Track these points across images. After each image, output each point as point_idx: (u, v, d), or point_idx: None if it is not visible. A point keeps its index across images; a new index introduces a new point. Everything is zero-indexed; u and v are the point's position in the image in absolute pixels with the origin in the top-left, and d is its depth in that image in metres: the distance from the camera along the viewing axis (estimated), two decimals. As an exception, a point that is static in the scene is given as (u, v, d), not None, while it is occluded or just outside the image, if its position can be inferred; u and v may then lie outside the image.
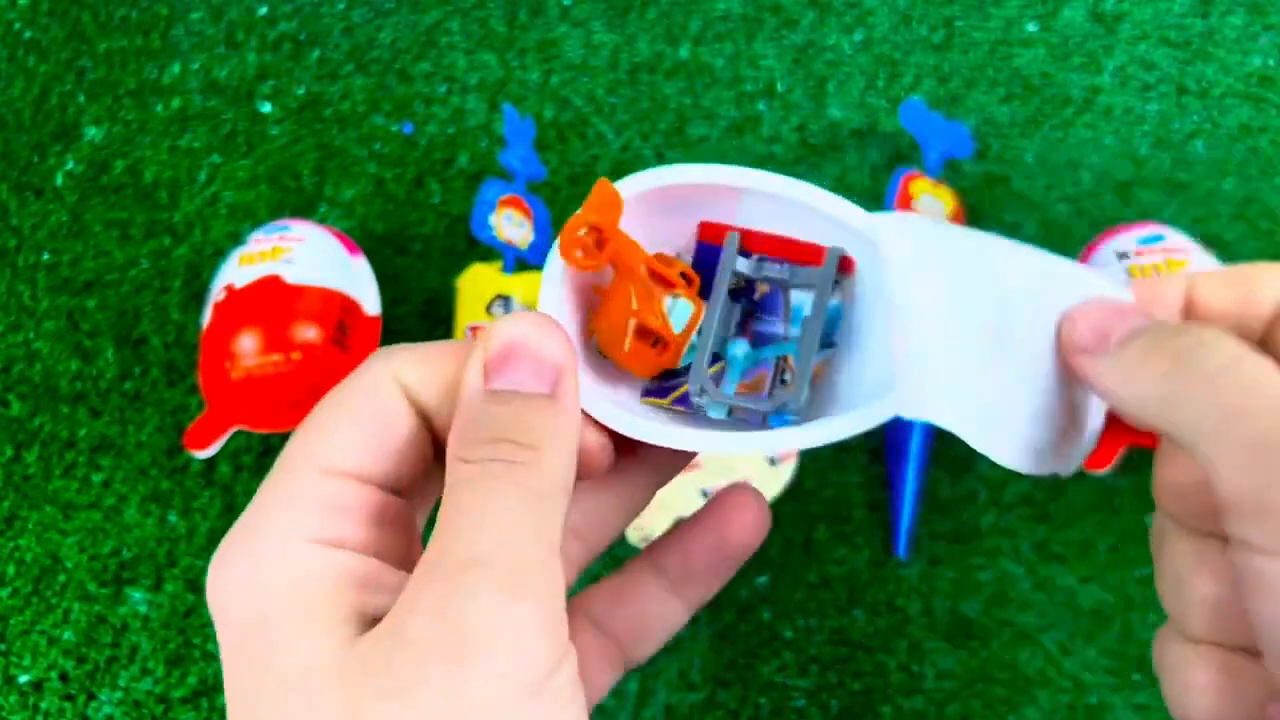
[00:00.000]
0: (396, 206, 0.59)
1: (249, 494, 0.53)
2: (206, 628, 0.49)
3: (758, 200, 0.28)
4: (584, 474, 0.23)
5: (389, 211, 0.59)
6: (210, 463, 0.53)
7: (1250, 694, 0.22)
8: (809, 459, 0.51)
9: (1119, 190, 0.56)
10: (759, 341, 0.29)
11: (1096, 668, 0.46)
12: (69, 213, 0.60)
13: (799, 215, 0.27)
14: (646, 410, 0.27)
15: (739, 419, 0.27)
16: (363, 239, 0.58)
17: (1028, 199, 0.56)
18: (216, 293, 0.50)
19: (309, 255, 0.51)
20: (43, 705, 0.48)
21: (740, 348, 0.29)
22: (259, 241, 0.52)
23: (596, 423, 0.24)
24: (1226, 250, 0.54)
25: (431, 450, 0.23)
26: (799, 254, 0.28)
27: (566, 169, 0.59)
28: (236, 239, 0.58)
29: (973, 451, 0.53)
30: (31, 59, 0.65)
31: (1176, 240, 0.48)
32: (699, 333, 0.28)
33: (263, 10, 0.65)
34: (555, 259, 0.28)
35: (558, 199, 0.58)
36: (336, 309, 0.50)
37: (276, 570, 0.20)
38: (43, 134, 0.62)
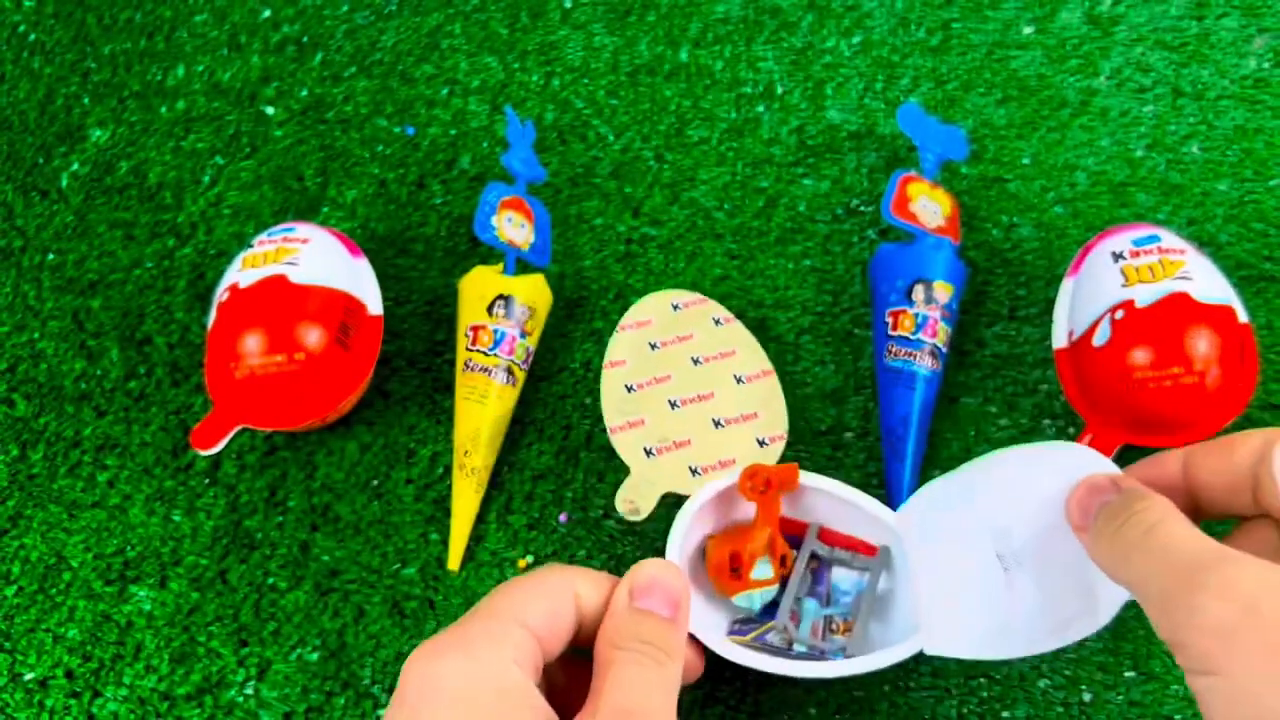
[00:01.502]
0: (399, 208, 0.59)
1: (252, 493, 0.54)
2: (211, 625, 0.49)
3: (823, 497, 0.45)
4: (686, 679, 0.34)
5: (391, 213, 0.59)
6: (214, 462, 0.53)
7: None
8: (805, 457, 0.51)
9: (1114, 192, 0.57)
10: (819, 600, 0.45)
11: (1090, 664, 0.46)
12: (74, 214, 0.60)
13: (852, 511, 0.45)
14: (730, 644, 0.41)
15: (800, 652, 0.43)
16: (365, 240, 0.58)
17: (1024, 201, 0.57)
18: (221, 293, 0.51)
19: (312, 257, 0.51)
20: (48, 703, 0.49)
21: (812, 604, 0.45)
22: (263, 243, 0.52)
23: (698, 645, 0.37)
24: (1221, 251, 0.54)
25: (573, 633, 0.34)
26: (856, 545, 0.45)
27: (567, 171, 0.60)
28: (240, 240, 0.59)
29: (968, 448, 0.53)
30: (36, 61, 0.65)
31: (1172, 241, 0.49)
32: (782, 589, 0.44)
33: (266, 13, 0.66)
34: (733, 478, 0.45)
35: (558, 201, 0.59)
36: (340, 309, 0.50)
37: (489, 667, 0.29)
38: (48, 135, 0.63)
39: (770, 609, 0.44)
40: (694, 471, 0.45)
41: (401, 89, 0.63)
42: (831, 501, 0.44)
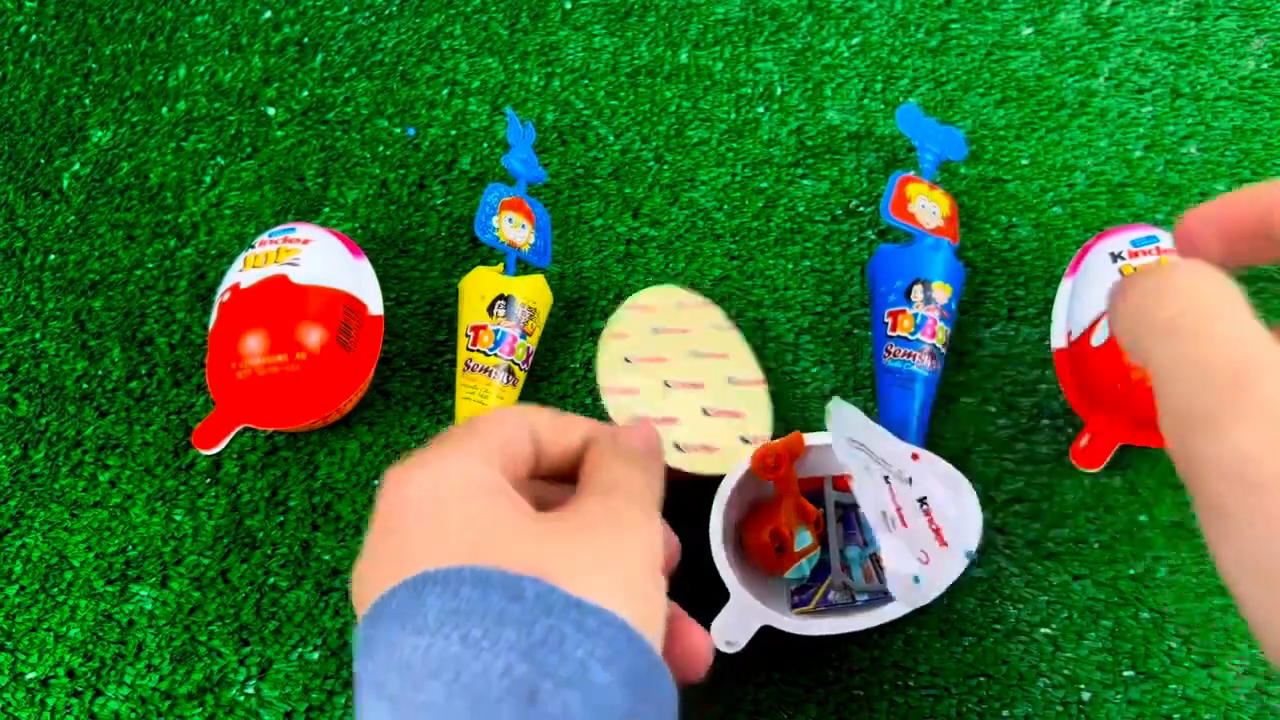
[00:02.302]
0: (399, 209, 0.59)
1: (253, 492, 0.54)
2: (212, 624, 0.50)
3: (823, 450, 0.47)
4: (691, 675, 0.32)
5: (392, 213, 0.59)
6: (215, 461, 0.53)
7: None
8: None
9: (1113, 192, 0.57)
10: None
11: (1088, 664, 0.46)
12: (75, 214, 0.61)
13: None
14: (797, 618, 0.44)
15: (865, 601, 0.46)
16: (366, 241, 0.58)
17: (1022, 201, 0.57)
18: (222, 294, 0.51)
19: (313, 257, 0.51)
20: (50, 701, 0.49)
21: (854, 551, 0.48)
22: (264, 244, 0.52)
23: (701, 633, 0.34)
24: (1219, 252, 0.54)
25: (532, 466, 0.32)
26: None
27: (568, 172, 0.60)
28: (241, 240, 0.59)
29: (967, 448, 0.53)
30: (38, 62, 0.66)
31: (1170, 242, 0.49)
32: (824, 546, 0.47)
33: (267, 14, 0.66)
34: (743, 466, 0.46)
35: (559, 202, 0.59)
36: (341, 310, 0.50)
37: (454, 472, 0.28)
38: (49, 136, 0.63)
39: (819, 571, 0.47)
40: (678, 448, 0.47)
41: (402, 90, 0.63)
42: (829, 451, 0.46)
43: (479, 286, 0.52)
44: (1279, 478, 0.21)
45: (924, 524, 0.43)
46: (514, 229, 0.53)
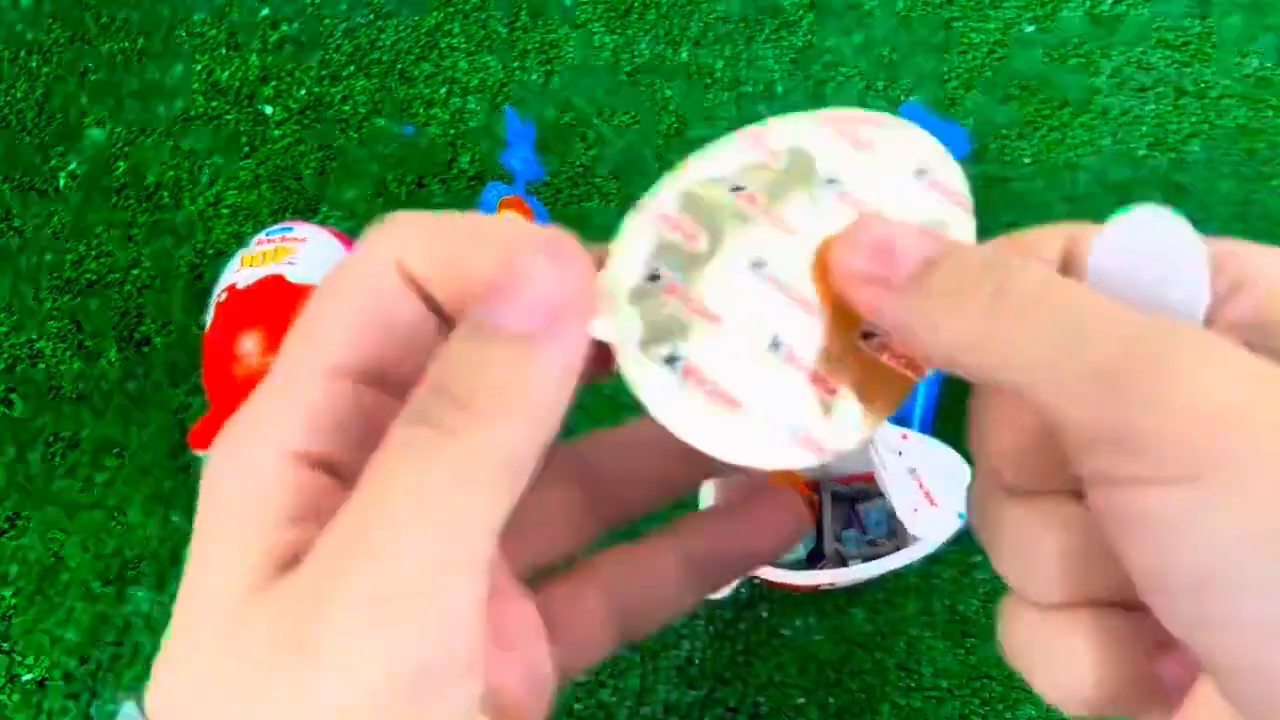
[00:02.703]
0: (398, 207, 0.59)
1: (251, 493, 0.53)
2: (209, 626, 0.49)
3: None
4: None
5: (390, 212, 0.59)
6: (212, 462, 0.53)
7: (1133, 650, 0.19)
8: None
9: (1116, 191, 0.57)
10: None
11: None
12: (72, 213, 0.60)
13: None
14: (784, 571, 0.44)
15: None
16: (364, 240, 0.58)
17: (1026, 200, 0.57)
18: (219, 294, 0.51)
19: (311, 256, 0.51)
20: (46, 704, 0.48)
21: (853, 535, 0.50)
22: (261, 243, 0.52)
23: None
24: (1223, 251, 0.54)
25: (436, 334, 0.20)
26: (858, 478, 0.50)
27: (567, 170, 0.59)
28: (239, 240, 0.58)
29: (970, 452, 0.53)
30: (34, 60, 0.65)
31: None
32: (819, 532, 0.49)
33: (265, 12, 0.66)
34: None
35: (559, 200, 0.58)
36: (338, 309, 0.50)
37: (247, 487, 0.18)
38: (46, 135, 0.63)
39: (814, 556, 0.47)
40: (680, 374, 0.31)
41: (400, 88, 0.63)
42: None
43: (478, 286, 0.52)
44: (1247, 400, 0.16)
45: (913, 487, 0.45)
46: (513, 228, 0.53)
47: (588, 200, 0.58)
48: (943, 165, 0.21)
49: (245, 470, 0.18)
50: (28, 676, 0.49)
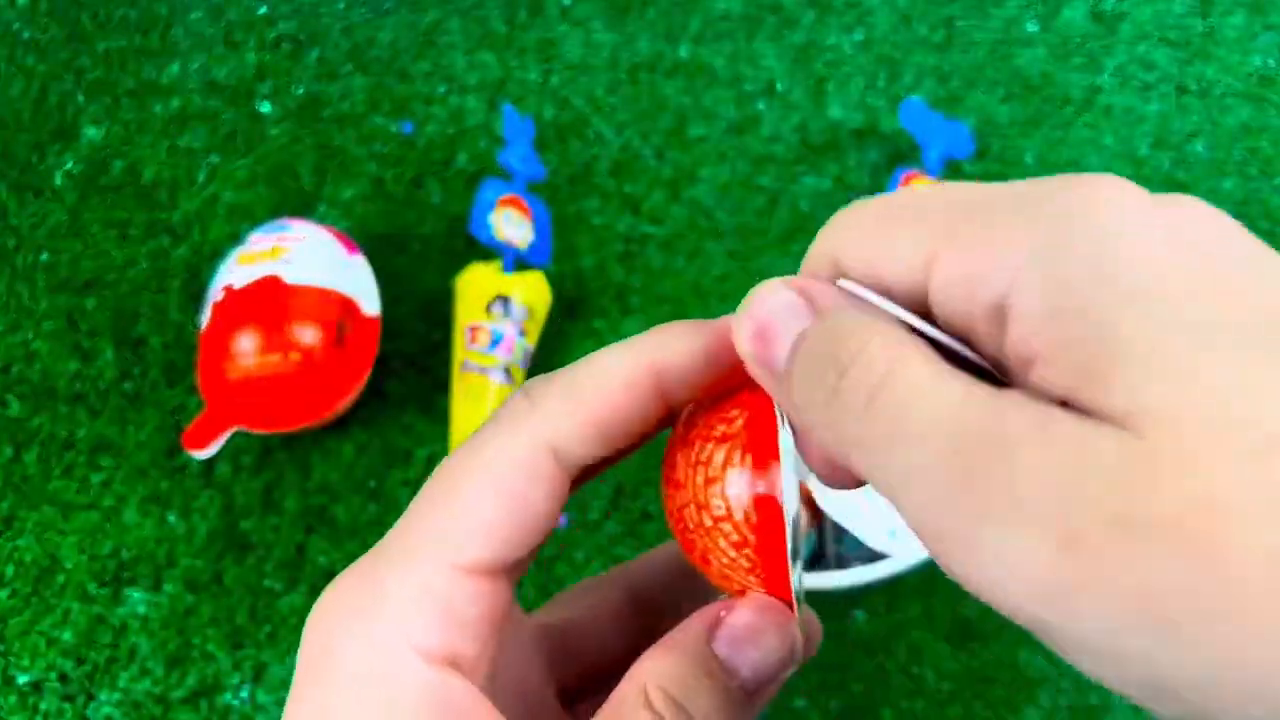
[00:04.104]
0: (396, 206, 0.59)
1: (248, 494, 0.53)
2: (206, 628, 0.49)
3: None
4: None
5: (388, 211, 0.59)
6: (209, 463, 0.53)
7: None
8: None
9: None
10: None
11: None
12: (68, 213, 0.60)
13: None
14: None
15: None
16: (362, 239, 0.57)
17: (1028, 199, 0.56)
18: (215, 293, 0.50)
19: (308, 255, 0.51)
20: (42, 706, 0.48)
21: (853, 538, 0.47)
22: (258, 241, 0.51)
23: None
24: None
25: (564, 503, 0.21)
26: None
27: (566, 169, 0.59)
28: (235, 239, 0.58)
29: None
30: (30, 59, 0.65)
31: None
32: (819, 535, 0.47)
33: (262, 10, 0.65)
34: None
35: (557, 199, 0.58)
36: (335, 309, 0.49)
37: (385, 681, 0.19)
38: (42, 134, 0.62)
39: (815, 558, 0.46)
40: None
41: (398, 86, 0.62)
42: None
43: (476, 285, 0.52)
44: (1060, 578, 0.14)
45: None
46: (511, 226, 0.53)
47: (587, 198, 0.58)
48: None
49: (378, 666, 0.19)
50: (24, 678, 0.49)
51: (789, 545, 0.19)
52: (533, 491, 0.19)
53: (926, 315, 0.17)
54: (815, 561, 0.47)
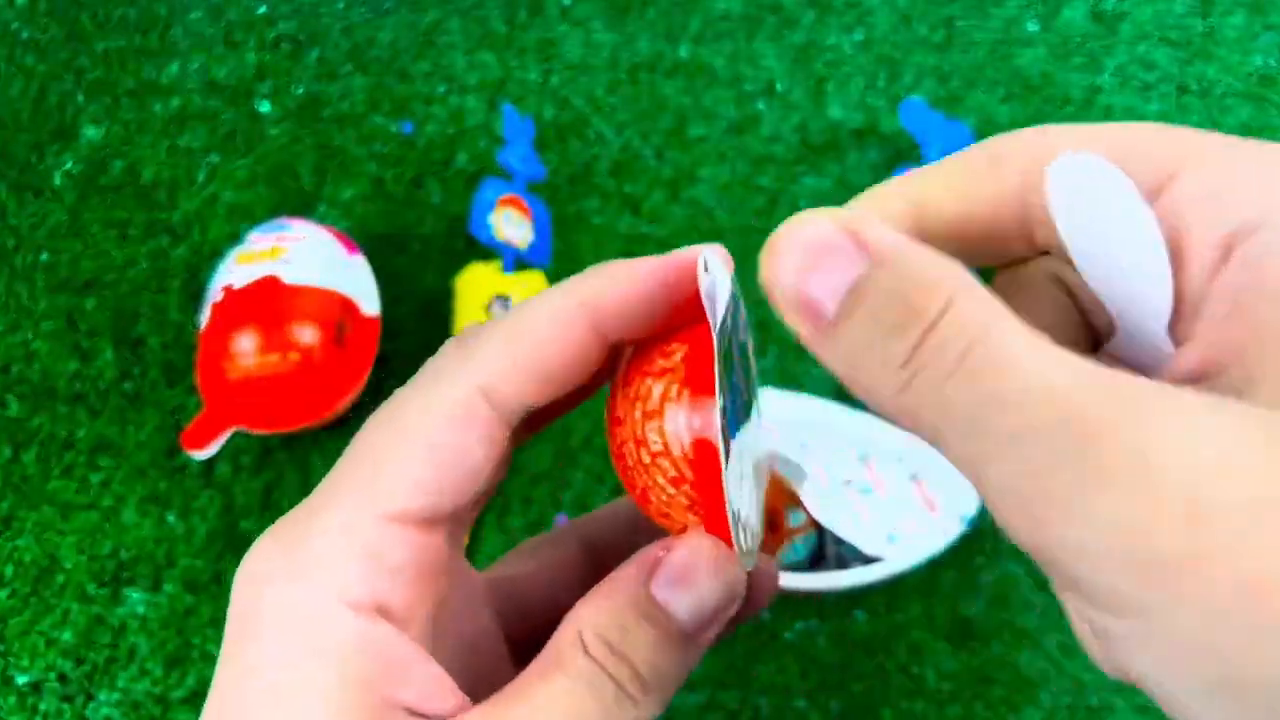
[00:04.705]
0: (395, 206, 0.59)
1: (248, 494, 0.53)
2: (205, 628, 0.49)
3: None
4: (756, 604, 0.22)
5: (388, 211, 0.58)
6: (209, 463, 0.52)
7: None
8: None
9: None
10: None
11: (1097, 670, 0.46)
12: (67, 213, 0.60)
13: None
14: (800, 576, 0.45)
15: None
16: (361, 239, 0.57)
17: (1028, 199, 0.56)
18: (215, 293, 0.50)
19: (307, 255, 0.51)
20: (41, 706, 0.48)
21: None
22: (257, 241, 0.51)
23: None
24: (1227, 250, 0.54)
25: (507, 454, 0.21)
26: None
27: (566, 169, 0.59)
28: (235, 239, 0.58)
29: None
30: (30, 59, 0.65)
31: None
32: (820, 536, 0.46)
33: (261, 10, 0.65)
34: None
35: (557, 199, 0.58)
36: (335, 309, 0.49)
37: (315, 634, 0.18)
38: (41, 134, 0.62)
39: (816, 559, 0.46)
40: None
41: (398, 86, 0.62)
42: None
43: (476, 285, 0.51)
44: (1178, 549, 0.13)
45: (910, 492, 0.43)
46: (511, 226, 0.53)
47: (587, 198, 0.58)
48: None
49: (304, 618, 0.18)
50: (23, 679, 0.49)
51: (732, 483, 0.19)
52: (464, 438, 0.19)
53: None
54: (816, 562, 0.47)
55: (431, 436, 0.19)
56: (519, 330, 0.20)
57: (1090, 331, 0.19)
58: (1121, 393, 0.14)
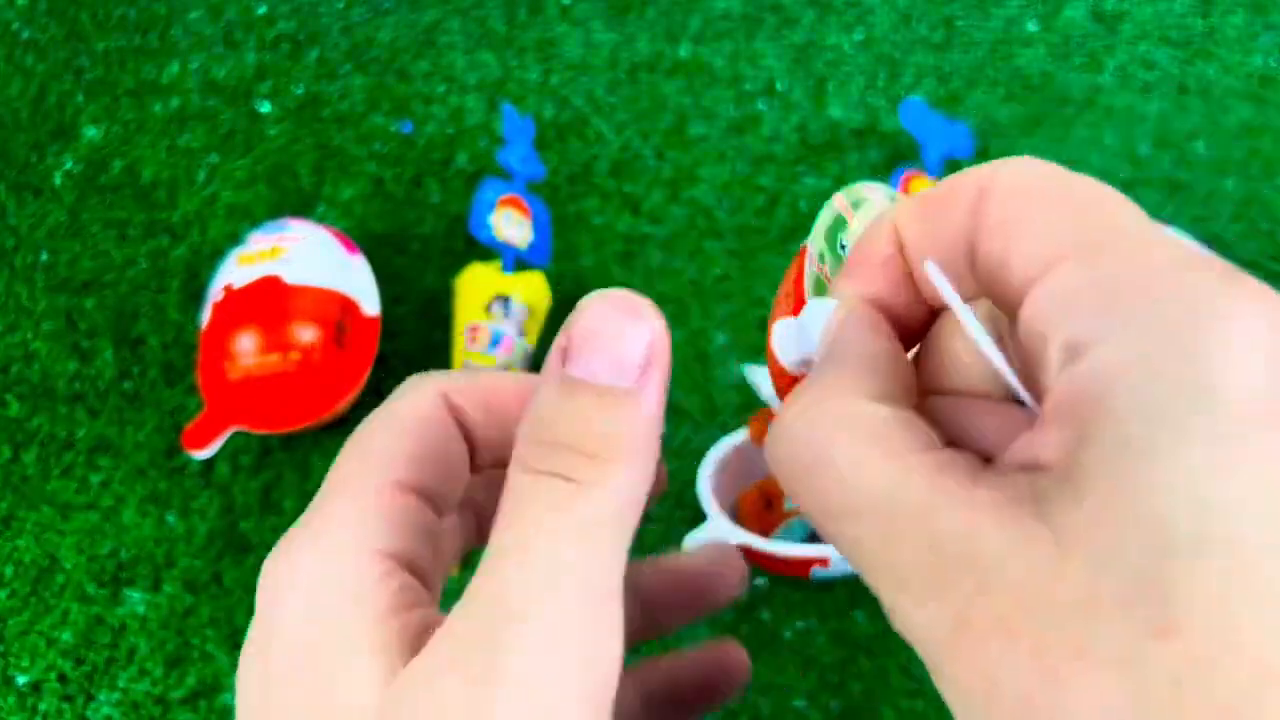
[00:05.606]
0: (395, 206, 0.59)
1: (247, 495, 0.53)
2: (205, 628, 0.49)
3: None
4: (653, 491, 0.21)
5: (388, 211, 0.58)
6: (209, 463, 0.52)
7: None
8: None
9: (1120, 189, 0.56)
10: None
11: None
12: (67, 212, 0.60)
13: None
14: (775, 542, 0.46)
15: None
16: (361, 239, 0.57)
17: (1028, 199, 0.56)
18: (215, 293, 0.50)
19: (307, 255, 0.51)
20: (41, 706, 0.48)
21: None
22: (258, 241, 0.51)
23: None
24: (1228, 250, 0.54)
25: (469, 466, 0.22)
26: None
27: (566, 168, 0.59)
28: (235, 238, 0.58)
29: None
30: (30, 58, 0.65)
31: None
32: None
33: (261, 10, 0.65)
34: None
35: (557, 198, 0.58)
36: (335, 309, 0.49)
37: (343, 577, 0.19)
38: (41, 133, 0.62)
39: (813, 539, 0.46)
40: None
41: (398, 86, 0.62)
42: None
43: (475, 285, 0.51)
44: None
45: None
46: (511, 226, 0.53)
47: (587, 198, 0.58)
48: None
49: (337, 571, 0.19)
50: (23, 679, 0.49)
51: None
52: (431, 426, 0.21)
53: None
54: (812, 542, 0.47)
55: (409, 425, 0.21)
56: (396, 418, 0.22)
57: None
58: (923, 485, 0.15)
